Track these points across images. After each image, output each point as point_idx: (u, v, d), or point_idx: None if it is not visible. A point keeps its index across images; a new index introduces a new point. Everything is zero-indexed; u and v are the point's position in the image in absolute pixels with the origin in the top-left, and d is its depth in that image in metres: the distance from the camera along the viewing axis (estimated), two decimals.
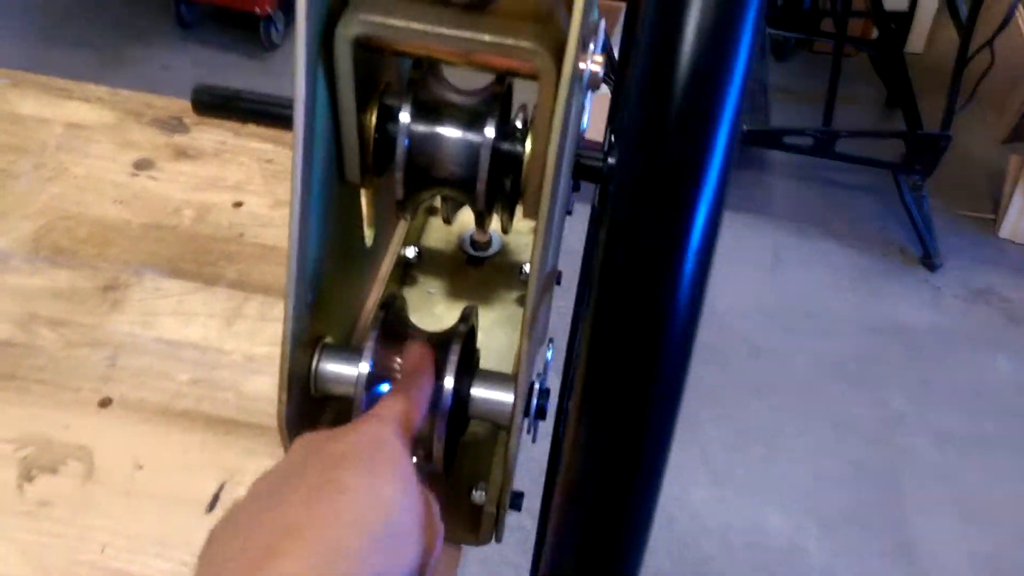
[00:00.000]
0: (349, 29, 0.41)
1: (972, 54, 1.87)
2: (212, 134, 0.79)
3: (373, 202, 0.59)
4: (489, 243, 0.71)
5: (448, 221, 0.63)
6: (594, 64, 0.45)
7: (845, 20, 2.06)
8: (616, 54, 2.26)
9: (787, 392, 1.81)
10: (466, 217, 0.60)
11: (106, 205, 0.72)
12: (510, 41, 0.41)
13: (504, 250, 0.71)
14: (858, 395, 1.81)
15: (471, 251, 0.70)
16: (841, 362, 1.88)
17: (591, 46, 0.46)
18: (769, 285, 2.04)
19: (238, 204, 0.74)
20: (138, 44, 2.48)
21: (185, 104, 0.82)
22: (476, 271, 0.70)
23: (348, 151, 0.49)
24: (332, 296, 0.53)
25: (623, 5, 2.29)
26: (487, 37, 0.41)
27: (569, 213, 0.61)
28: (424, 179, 0.50)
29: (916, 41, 2.64)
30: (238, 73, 2.45)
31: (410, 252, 0.67)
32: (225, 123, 0.81)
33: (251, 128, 0.80)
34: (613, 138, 0.66)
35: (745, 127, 2.05)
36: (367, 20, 0.41)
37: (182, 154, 0.77)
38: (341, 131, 0.48)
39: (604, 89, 0.52)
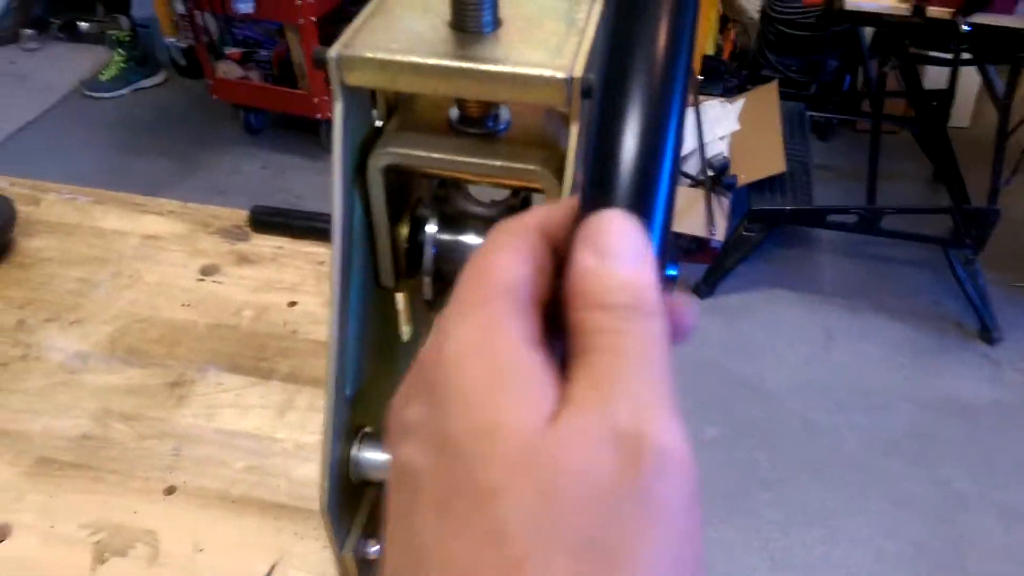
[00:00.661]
0: (379, 160, 0.48)
1: (1013, 127, 1.88)
2: (270, 241, 0.87)
3: (410, 301, 0.65)
4: None
5: None
6: None
7: (880, 102, 2.10)
8: None
9: (844, 471, 1.78)
10: None
11: (175, 308, 0.80)
12: (518, 165, 0.47)
13: None
14: (917, 473, 1.77)
15: None
16: (898, 440, 1.84)
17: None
18: (822, 362, 2.03)
19: (292, 303, 0.81)
20: (211, 151, 2.66)
21: (247, 214, 0.91)
22: None
23: (382, 259, 0.55)
24: (372, 388, 0.59)
25: None
26: (498, 163, 0.47)
27: None
28: (450, 282, 0.56)
29: (961, 115, 2.66)
30: (300, 173, 2.61)
31: None
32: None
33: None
34: None
35: (788, 207, 2.09)
36: (393, 152, 0.48)
37: (244, 259, 0.85)
38: (376, 242, 0.54)
39: None
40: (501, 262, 0.25)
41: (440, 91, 0.43)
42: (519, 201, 0.54)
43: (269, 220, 0.58)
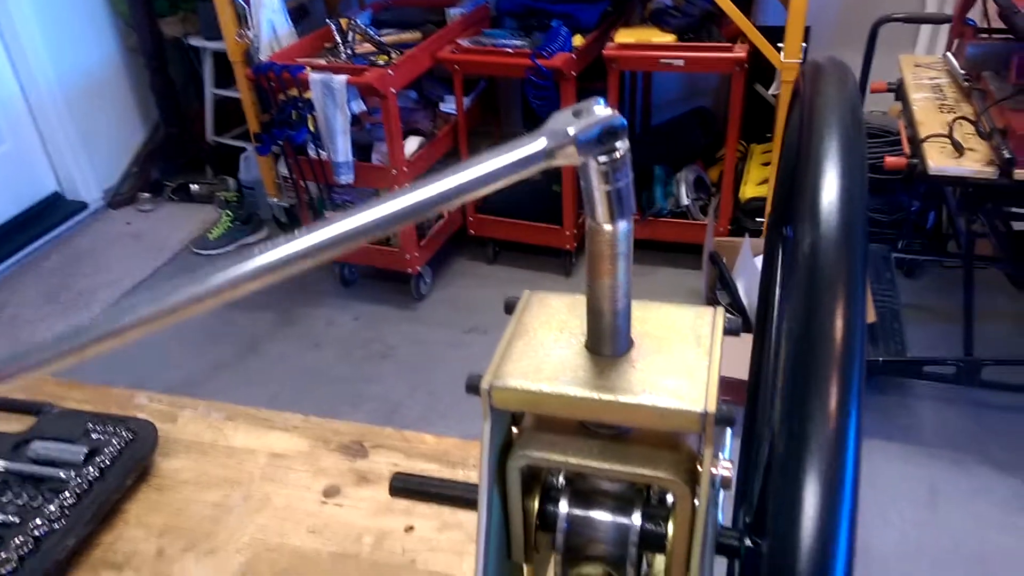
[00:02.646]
0: (517, 462, 0.52)
1: None
2: (387, 457, 0.92)
3: (534, 569, 0.67)
4: None
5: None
6: (724, 470, 0.53)
7: (971, 252, 2.08)
8: (741, 293, 2.34)
9: None
10: None
11: (301, 535, 0.84)
12: (648, 472, 0.49)
13: None
14: None
15: None
16: None
17: (720, 454, 0.54)
18: (929, 523, 1.94)
19: (409, 528, 0.84)
20: (308, 304, 2.80)
21: (364, 428, 0.96)
22: None
23: (515, 536, 0.58)
24: None
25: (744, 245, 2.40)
26: (627, 469, 0.50)
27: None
28: (579, 557, 0.58)
29: None
30: (392, 323, 2.70)
31: None
32: (396, 445, 0.93)
33: (419, 449, 0.92)
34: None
35: (881, 358, 2.05)
36: (530, 455, 0.51)
37: (363, 479, 0.89)
38: (510, 524, 0.57)
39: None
40: None
41: (579, 417, 0.47)
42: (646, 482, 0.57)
43: (409, 489, 0.62)
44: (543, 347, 0.50)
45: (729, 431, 0.57)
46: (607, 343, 0.48)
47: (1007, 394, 2.16)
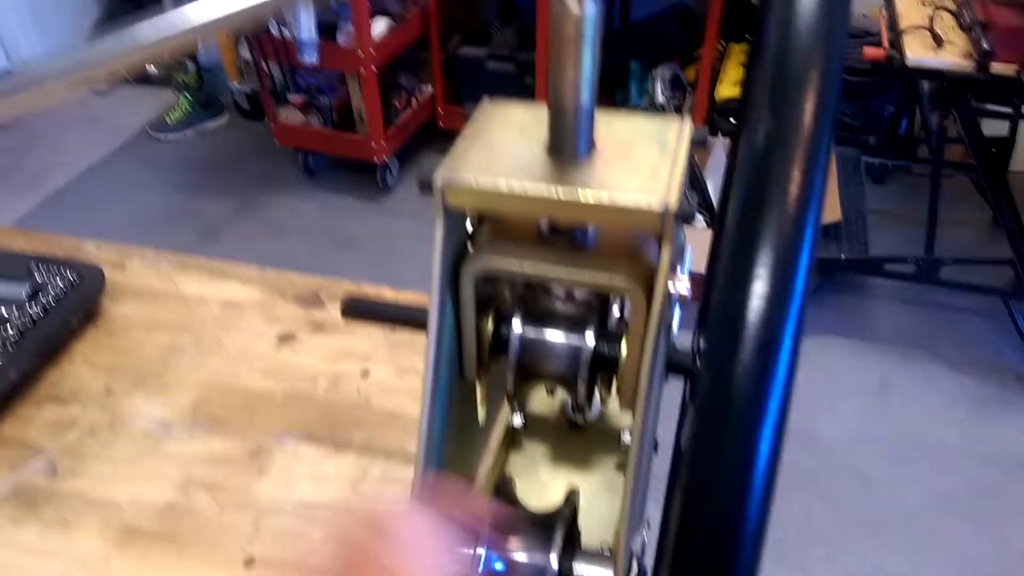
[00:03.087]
0: (472, 268, 0.50)
1: None
2: None
3: (486, 385, 0.67)
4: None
5: (551, 393, 0.69)
6: (681, 286, 0.52)
7: (940, 152, 2.08)
8: (711, 192, 2.33)
9: (901, 528, 1.75)
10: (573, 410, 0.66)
11: (254, 376, 0.82)
12: (606, 279, 0.48)
13: (604, 417, 0.77)
14: (977, 531, 1.72)
15: (573, 418, 0.76)
16: (958, 495, 1.80)
17: (678, 268, 0.53)
18: (878, 414, 2.00)
19: (365, 372, 0.83)
20: (271, 192, 2.74)
21: (321, 282, 0.94)
22: (578, 437, 0.76)
23: (467, 354, 0.57)
24: (451, 468, 0.60)
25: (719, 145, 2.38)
26: (586, 275, 0.48)
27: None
28: (532, 375, 0.57)
29: (1022, 160, 2.61)
30: (356, 214, 2.66)
31: (517, 421, 0.74)
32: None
33: None
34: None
35: (843, 255, 2.07)
36: (485, 263, 0.50)
37: (318, 328, 0.88)
38: (463, 339, 0.56)
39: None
40: None
41: (537, 215, 0.45)
42: (601, 299, 0.56)
43: (361, 312, 0.60)
44: (501, 148, 0.48)
45: (689, 253, 0.55)
46: (568, 143, 0.46)
47: (962, 295, 2.20)
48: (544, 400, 0.79)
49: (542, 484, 0.71)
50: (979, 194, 2.46)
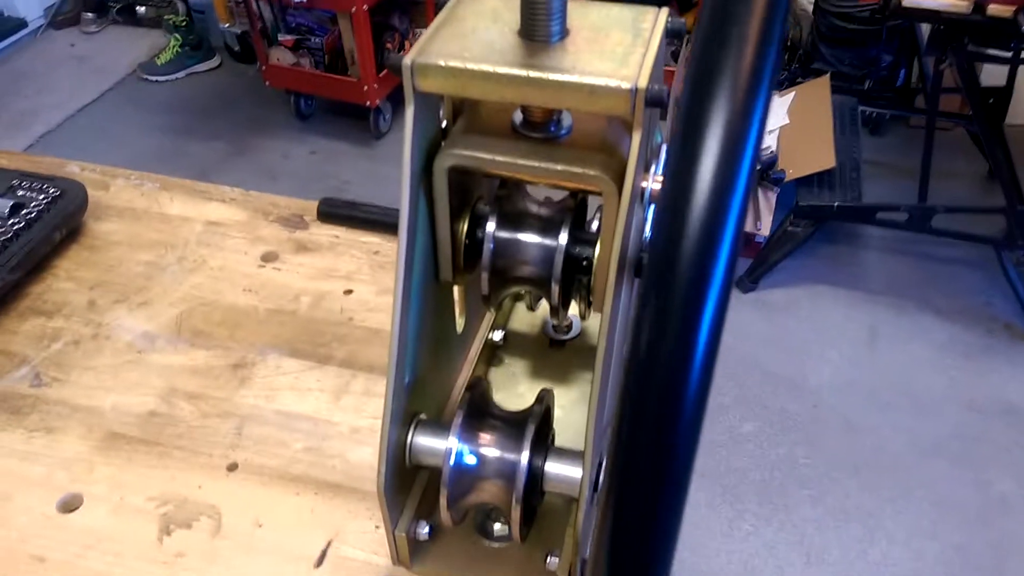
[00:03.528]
0: (444, 161, 0.50)
1: None
2: (327, 230, 0.90)
3: (464, 295, 0.67)
4: (570, 327, 0.77)
5: (532, 308, 0.70)
6: (655, 183, 0.52)
7: (936, 99, 2.06)
8: None
9: (885, 471, 1.77)
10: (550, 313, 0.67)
11: (237, 293, 0.83)
12: (578, 170, 0.48)
13: (584, 333, 0.78)
14: (960, 475, 1.75)
15: (553, 335, 0.77)
16: (942, 441, 1.83)
17: (653, 167, 0.53)
18: (866, 361, 2.02)
19: (348, 291, 0.83)
20: (262, 135, 2.72)
21: (305, 204, 0.94)
22: (557, 353, 0.77)
23: (443, 255, 0.57)
24: (427, 377, 0.61)
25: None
26: (559, 166, 0.48)
27: None
28: (507, 277, 0.57)
29: (1018, 113, 2.59)
30: (348, 159, 2.65)
31: (497, 336, 0.74)
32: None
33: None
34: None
35: (836, 203, 2.06)
36: (458, 154, 0.50)
37: (302, 247, 0.88)
38: (437, 238, 0.56)
39: None
40: None
41: (508, 98, 0.45)
42: (576, 202, 0.56)
43: (335, 213, 0.60)
44: (474, 33, 0.47)
45: (664, 152, 0.55)
46: (541, 27, 0.46)
47: (954, 246, 2.21)
48: (525, 318, 0.80)
49: (520, 396, 0.72)
50: (975, 146, 2.46)
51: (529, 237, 0.56)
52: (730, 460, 1.80)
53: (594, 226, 0.58)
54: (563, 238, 0.55)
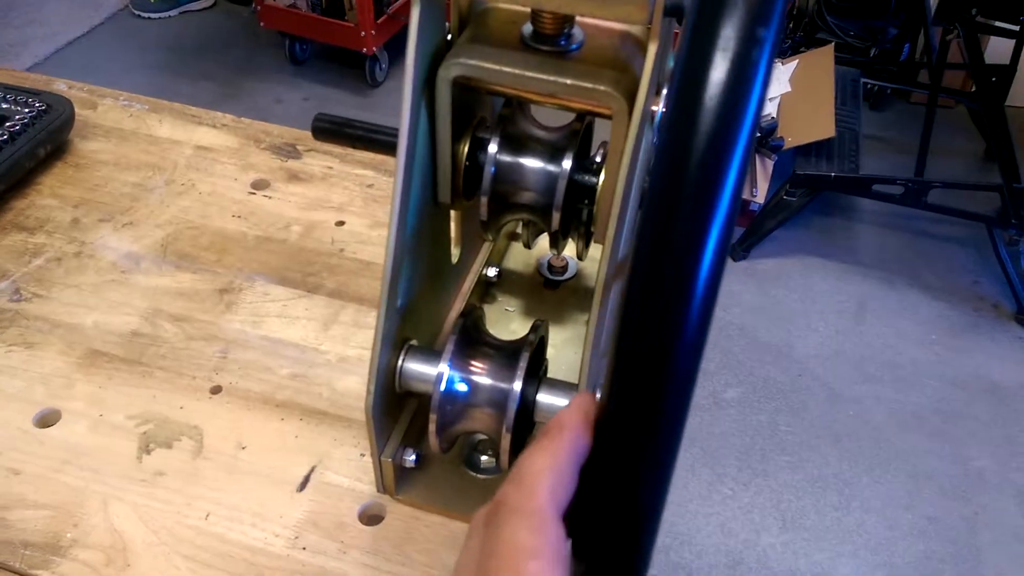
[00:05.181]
0: (449, 71, 0.48)
1: None
2: (321, 160, 0.88)
3: (461, 224, 0.65)
4: (565, 268, 0.76)
5: (528, 246, 0.68)
6: (664, 107, 0.50)
7: (940, 72, 2.04)
8: None
9: (864, 442, 1.78)
10: (546, 243, 0.65)
11: (226, 219, 0.81)
12: (588, 84, 0.46)
13: (579, 275, 0.76)
14: (939, 449, 1.76)
15: (548, 275, 0.76)
16: (923, 415, 1.84)
17: (664, 91, 0.51)
18: (853, 333, 2.02)
19: (340, 223, 0.81)
20: (255, 79, 2.66)
21: (298, 133, 0.91)
22: (552, 293, 0.75)
23: (442, 176, 0.55)
24: (420, 304, 0.60)
25: None
26: (568, 80, 0.47)
27: None
28: (507, 203, 0.56)
29: (1020, 94, 2.58)
30: (343, 108, 2.60)
31: (492, 272, 0.73)
32: (332, 150, 0.89)
33: (355, 156, 0.89)
34: None
35: (833, 173, 2.05)
36: (465, 63, 0.48)
37: (294, 177, 0.86)
38: (437, 158, 0.54)
39: None
40: (536, 468, 0.32)
41: (518, 0, 0.43)
42: (582, 126, 0.54)
43: (331, 129, 0.58)
44: None
45: None
46: None
47: (947, 224, 2.20)
48: (520, 257, 0.78)
49: (512, 334, 0.70)
50: (975, 125, 2.44)
51: (532, 162, 0.54)
52: (712, 425, 1.80)
53: (598, 160, 0.57)
54: (567, 164, 0.53)
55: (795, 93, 2.14)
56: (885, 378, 1.91)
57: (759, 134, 2.06)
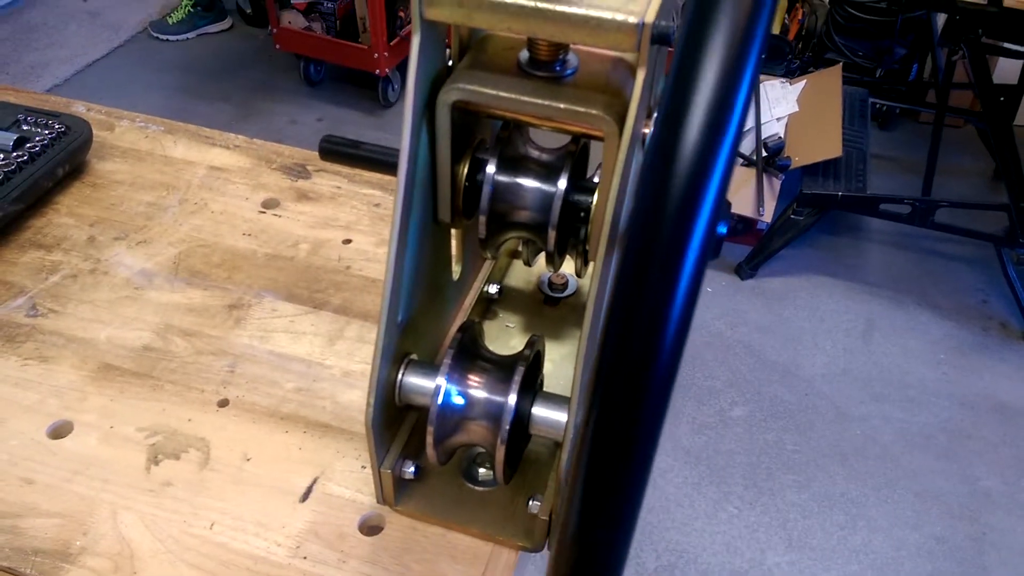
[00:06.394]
0: (448, 96, 0.50)
1: None
2: (329, 180, 0.90)
3: (462, 242, 0.67)
4: (565, 285, 0.78)
5: (528, 264, 0.70)
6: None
7: (946, 92, 2.06)
8: None
9: (872, 461, 1.78)
10: (546, 261, 0.67)
11: (237, 237, 0.83)
12: (581, 108, 0.48)
13: (579, 292, 0.78)
14: (946, 469, 1.76)
15: (548, 292, 0.77)
16: (930, 435, 1.83)
17: (656, 114, 0.53)
18: (861, 353, 2.02)
19: (347, 241, 0.84)
20: (270, 100, 2.71)
21: (308, 153, 0.94)
22: (552, 310, 0.77)
23: (442, 195, 0.57)
24: (420, 319, 0.61)
25: None
26: (562, 104, 0.49)
27: None
28: (504, 222, 0.58)
29: None
30: (356, 128, 2.64)
31: (492, 289, 0.75)
32: (341, 171, 0.91)
33: (363, 176, 0.91)
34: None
35: (840, 193, 2.06)
36: (464, 88, 0.50)
37: (303, 196, 0.88)
38: (437, 178, 0.56)
39: None
40: None
41: (514, 30, 0.45)
42: (578, 148, 0.56)
43: (337, 150, 0.60)
44: None
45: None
46: None
47: (955, 244, 2.21)
48: (521, 275, 0.80)
49: (512, 350, 0.72)
50: (983, 144, 2.45)
51: (528, 181, 0.56)
52: (719, 443, 1.81)
53: (595, 181, 0.59)
54: (562, 184, 0.55)
55: (803, 113, 2.16)
56: (893, 397, 1.91)
57: (766, 153, 2.08)
